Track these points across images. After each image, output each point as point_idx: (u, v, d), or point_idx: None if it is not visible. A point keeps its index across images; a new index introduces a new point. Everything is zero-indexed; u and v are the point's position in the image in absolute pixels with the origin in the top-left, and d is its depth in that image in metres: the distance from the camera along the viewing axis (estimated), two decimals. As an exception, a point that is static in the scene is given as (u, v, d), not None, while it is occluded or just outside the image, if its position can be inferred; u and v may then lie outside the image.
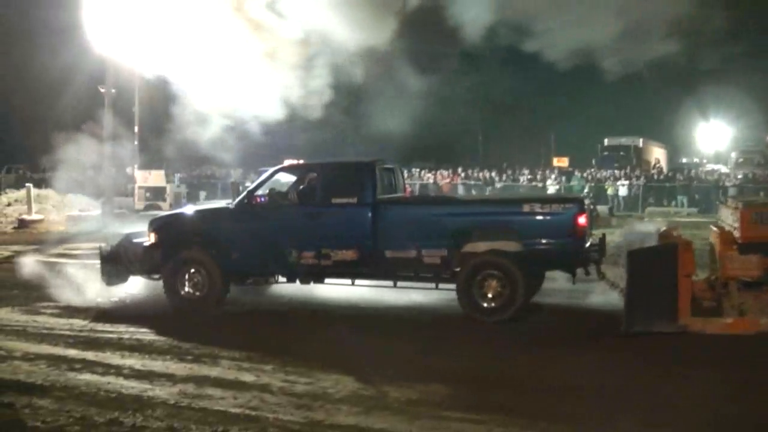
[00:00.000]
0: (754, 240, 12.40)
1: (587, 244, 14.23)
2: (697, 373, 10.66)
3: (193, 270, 15.32)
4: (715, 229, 13.91)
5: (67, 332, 13.54)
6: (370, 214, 14.67)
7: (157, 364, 11.39)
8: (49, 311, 15.32)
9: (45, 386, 10.24)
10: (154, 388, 10.21)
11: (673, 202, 44.42)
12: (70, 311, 15.27)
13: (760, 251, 12.51)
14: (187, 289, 15.35)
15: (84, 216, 35.71)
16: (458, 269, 14.19)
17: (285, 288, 16.91)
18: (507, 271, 13.87)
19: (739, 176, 48.28)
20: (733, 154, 61.49)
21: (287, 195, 15.84)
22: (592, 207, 21.29)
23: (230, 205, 15.65)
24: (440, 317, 14.55)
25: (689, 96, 75.69)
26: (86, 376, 10.73)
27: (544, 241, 13.98)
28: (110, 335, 13.25)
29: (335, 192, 15.04)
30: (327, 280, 15.66)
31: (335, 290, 16.40)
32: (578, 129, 77.57)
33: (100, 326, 13.96)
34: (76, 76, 33.09)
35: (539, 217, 14.08)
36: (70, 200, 39.09)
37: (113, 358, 11.72)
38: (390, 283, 15.16)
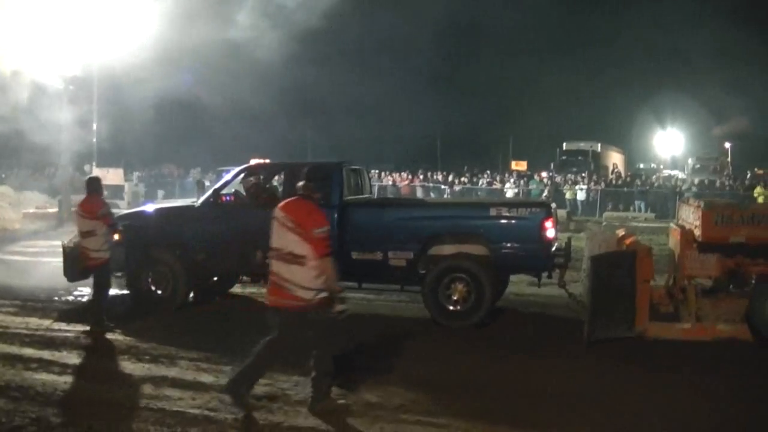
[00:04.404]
0: (714, 241, 12.49)
1: (553, 249, 14.27)
2: (656, 378, 10.71)
3: (157, 268, 15.18)
4: (674, 227, 13.98)
5: (23, 331, 13.39)
6: (336, 216, 14.58)
7: (115, 365, 11.31)
8: (4, 309, 15.12)
9: (0, 386, 10.13)
10: (111, 388, 10.12)
11: (631, 207, 44.67)
12: (27, 310, 15.11)
13: (719, 252, 12.62)
14: (150, 287, 15.21)
15: (40, 213, 35.40)
16: (424, 272, 14.16)
17: (246, 288, 16.92)
18: (474, 274, 13.87)
19: (696, 182, 48.73)
20: (690, 161, 62.39)
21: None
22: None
23: (195, 204, 15.52)
24: (404, 321, 14.55)
25: (647, 103, 76.71)
26: (42, 376, 10.62)
27: (510, 245, 14.01)
28: (67, 334, 13.12)
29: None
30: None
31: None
32: (536, 133, 78.20)
33: (56, 325, 13.84)
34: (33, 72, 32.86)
35: (506, 221, 14.11)
36: (26, 197, 38.78)
37: (70, 358, 11.61)
38: (354, 284, 15.15)
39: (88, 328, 13.29)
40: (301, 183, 9.46)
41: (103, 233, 13.25)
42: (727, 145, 71.71)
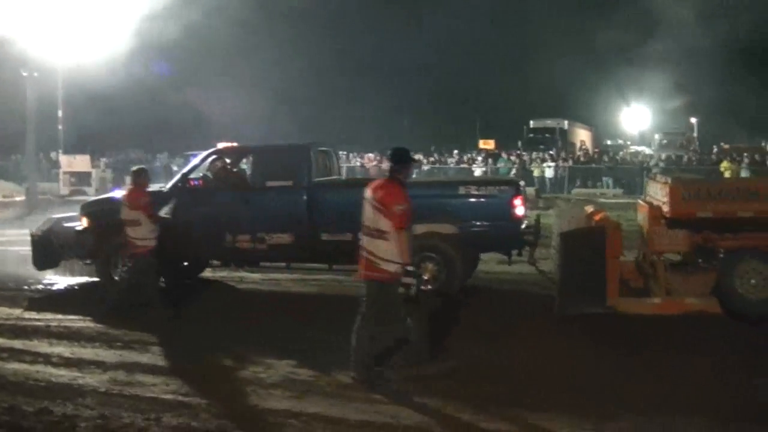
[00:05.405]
0: (682, 216, 12.54)
1: (522, 227, 14.30)
2: (628, 354, 10.76)
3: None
4: (642, 203, 14.04)
5: (-7, 320, 13.33)
6: (305, 197, 14.61)
7: (87, 352, 11.26)
8: (-27, 299, 15.02)
9: (-28, 377, 10.08)
10: (84, 375, 10.10)
11: (599, 184, 44.87)
12: (-4, 299, 15.03)
13: (687, 227, 12.69)
14: (121, 274, 15.11)
15: (8, 202, 35.17)
16: None
17: (217, 272, 16.88)
18: (443, 253, 13.89)
19: (663, 157, 48.92)
20: (657, 136, 62.56)
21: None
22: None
23: (163, 189, 15.41)
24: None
25: (613, 79, 77.02)
26: (14, 365, 10.57)
27: (480, 223, 14.05)
28: (38, 323, 13.04)
29: (270, 175, 14.96)
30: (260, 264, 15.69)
31: (268, 274, 16.41)
32: (503, 111, 78.41)
33: (27, 314, 13.76)
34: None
35: (475, 200, 14.16)
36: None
37: (41, 346, 11.55)
38: (325, 266, 15.19)
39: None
40: (386, 165, 10.20)
41: (147, 222, 13.51)
42: (693, 120, 72.06)
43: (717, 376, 9.85)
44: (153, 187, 16.30)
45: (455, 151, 53.89)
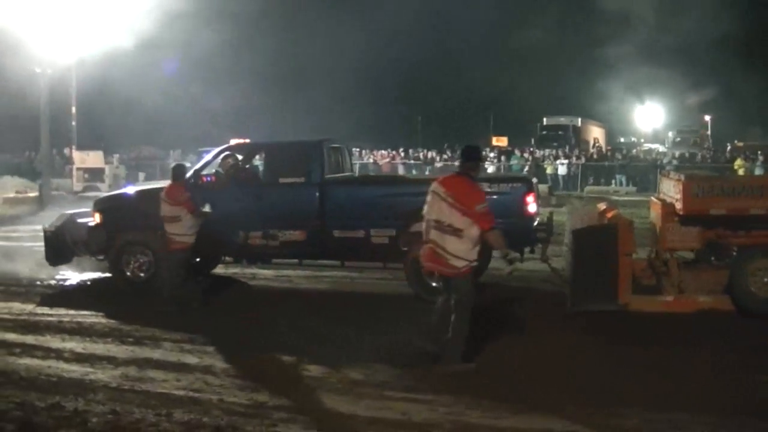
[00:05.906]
0: (695, 213, 12.52)
1: (535, 224, 14.25)
2: (635, 352, 10.73)
3: (138, 251, 15.12)
4: (655, 200, 14.01)
5: (6, 316, 13.35)
6: (317, 194, 14.60)
7: (98, 347, 11.29)
8: (-14, 295, 15.06)
9: (-17, 371, 10.10)
10: (95, 371, 10.12)
11: (612, 181, 44.75)
12: (9, 294, 15.06)
13: (700, 224, 12.66)
14: (133, 270, 15.16)
15: (21, 198, 35.25)
16: (407, 249, 14.11)
17: (229, 269, 16.87)
18: None
19: (676, 155, 48.81)
20: (671, 134, 62.51)
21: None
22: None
23: None
24: (387, 298, 14.52)
25: (627, 77, 76.77)
26: (26, 361, 10.59)
27: None
28: (50, 318, 13.09)
29: (283, 172, 14.95)
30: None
31: (280, 271, 16.39)
32: (516, 108, 78.27)
33: (39, 309, 13.80)
34: (12, 57, 32.77)
35: (488, 197, 14.09)
36: (6, 182, 38.62)
37: (53, 342, 11.58)
38: (337, 263, 15.19)
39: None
40: (459, 161, 10.33)
41: (188, 218, 13.74)
42: (707, 118, 71.93)
43: (720, 374, 9.84)
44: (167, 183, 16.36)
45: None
